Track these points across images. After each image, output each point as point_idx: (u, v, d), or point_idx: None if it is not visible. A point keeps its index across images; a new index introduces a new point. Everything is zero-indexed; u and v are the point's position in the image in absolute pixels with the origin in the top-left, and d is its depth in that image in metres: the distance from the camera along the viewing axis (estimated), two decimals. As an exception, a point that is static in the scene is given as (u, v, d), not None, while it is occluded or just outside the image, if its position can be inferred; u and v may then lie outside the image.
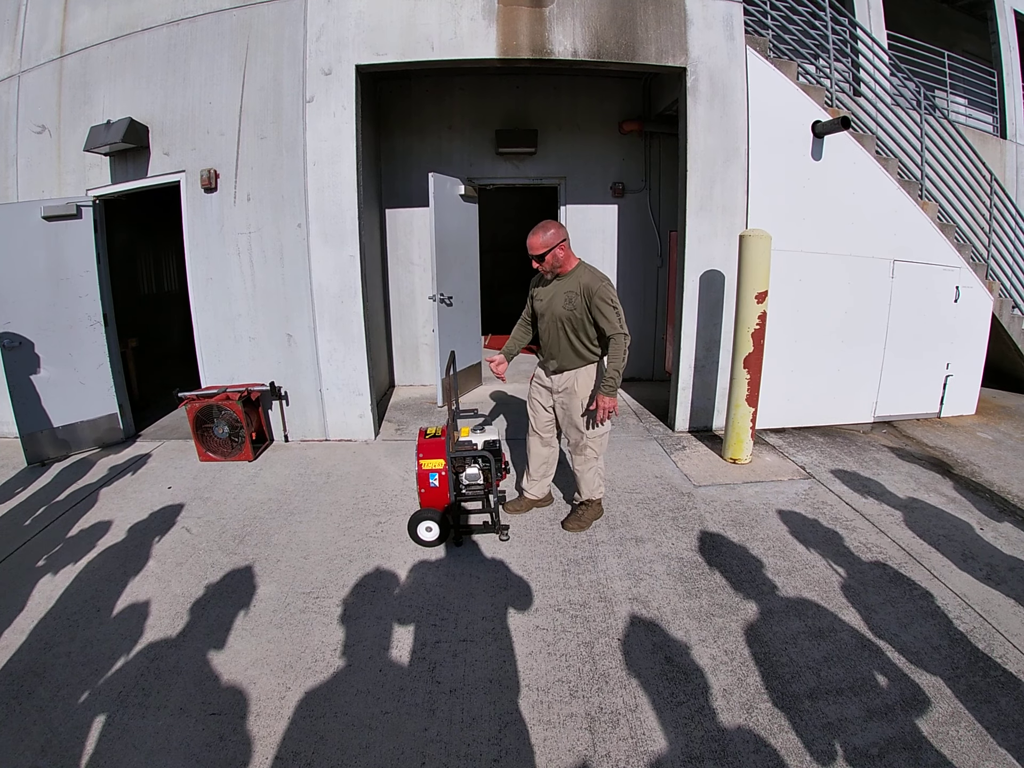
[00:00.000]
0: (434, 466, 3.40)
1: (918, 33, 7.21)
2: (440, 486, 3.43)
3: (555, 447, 3.70)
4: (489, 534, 3.51)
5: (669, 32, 4.54)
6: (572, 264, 3.30)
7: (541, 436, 3.63)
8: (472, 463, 3.53)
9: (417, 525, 3.36)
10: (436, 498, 3.46)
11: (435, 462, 3.40)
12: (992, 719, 2.11)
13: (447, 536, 3.40)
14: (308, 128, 4.57)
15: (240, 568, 3.20)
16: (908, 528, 3.51)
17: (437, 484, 3.43)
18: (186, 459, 4.77)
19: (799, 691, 2.26)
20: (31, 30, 4.95)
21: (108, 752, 2.04)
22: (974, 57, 8.06)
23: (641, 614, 2.75)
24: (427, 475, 3.43)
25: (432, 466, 3.40)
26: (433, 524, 3.34)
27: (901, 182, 5.06)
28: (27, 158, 5.01)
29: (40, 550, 3.42)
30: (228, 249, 4.84)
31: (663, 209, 6.69)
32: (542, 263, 3.24)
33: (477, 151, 6.54)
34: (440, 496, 3.45)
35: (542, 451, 3.67)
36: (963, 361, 5.55)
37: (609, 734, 2.09)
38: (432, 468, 3.41)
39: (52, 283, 4.67)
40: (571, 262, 3.29)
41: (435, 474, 3.41)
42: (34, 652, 2.56)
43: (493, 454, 3.46)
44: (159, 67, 4.69)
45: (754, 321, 4.31)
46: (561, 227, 3.24)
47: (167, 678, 2.39)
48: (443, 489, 3.43)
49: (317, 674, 2.41)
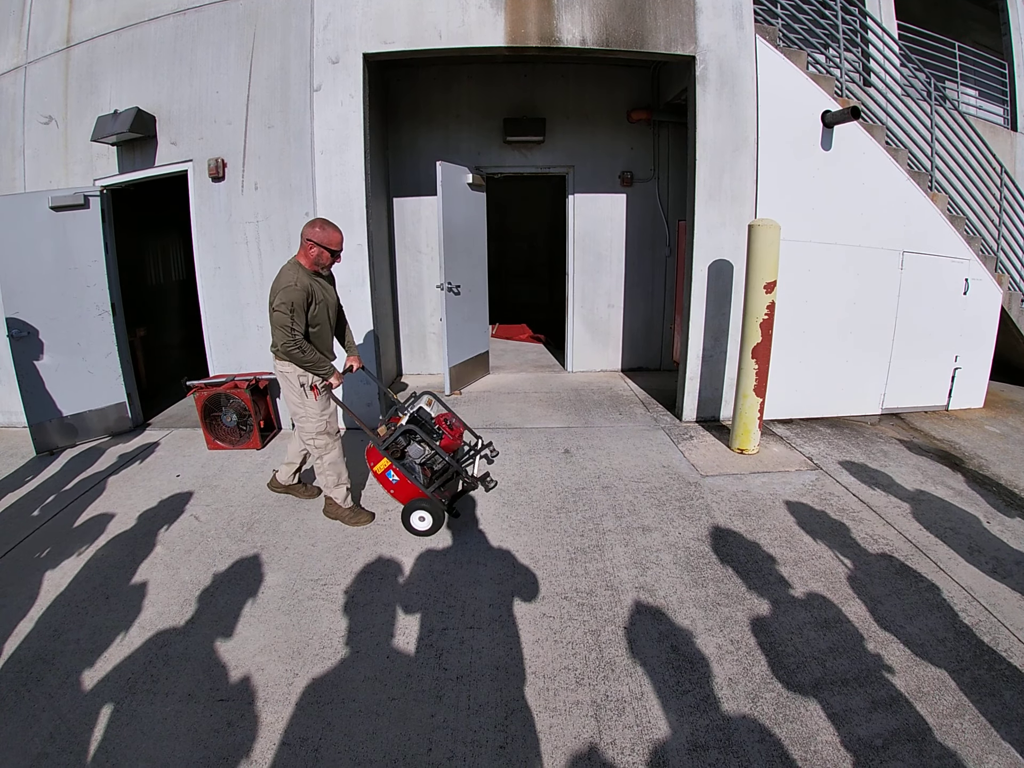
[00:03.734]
0: (383, 467, 3.39)
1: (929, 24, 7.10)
2: (401, 480, 3.40)
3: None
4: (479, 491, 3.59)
5: (678, 20, 4.49)
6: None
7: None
8: (407, 443, 3.46)
9: (409, 517, 3.37)
10: (408, 491, 3.42)
11: (381, 464, 3.40)
12: (996, 712, 2.11)
13: (441, 519, 3.37)
14: (316, 117, 4.57)
15: (248, 556, 3.22)
16: (915, 520, 3.50)
17: (397, 479, 3.40)
18: (194, 447, 4.80)
19: (804, 681, 2.26)
20: (37, 21, 4.96)
21: (116, 738, 2.06)
22: (985, 48, 7.94)
23: (647, 603, 2.76)
24: (384, 476, 3.42)
25: (382, 468, 3.40)
26: (424, 512, 3.34)
27: (911, 173, 5.01)
28: (34, 148, 5.02)
29: (49, 538, 3.45)
30: (236, 238, 4.85)
31: (672, 198, 6.66)
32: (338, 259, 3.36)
33: (485, 140, 6.51)
34: (409, 489, 3.40)
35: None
36: (972, 354, 5.51)
37: (615, 721, 2.10)
38: (383, 469, 3.40)
39: (60, 273, 4.69)
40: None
41: (390, 471, 3.39)
42: (43, 639, 2.58)
43: (415, 422, 3.45)
44: (166, 57, 4.69)
45: (763, 311, 4.29)
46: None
47: (176, 665, 2.41)
48: (405, 482, 3.39)
49: (324, 661, 2.43)
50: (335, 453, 3.48)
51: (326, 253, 3.25)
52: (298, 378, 3.29)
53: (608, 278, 6.91)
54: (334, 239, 3.24)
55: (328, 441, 3.44)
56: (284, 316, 3.07)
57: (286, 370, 3.29)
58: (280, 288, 3.11)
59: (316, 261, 3.26)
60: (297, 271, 3.19)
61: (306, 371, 3.24)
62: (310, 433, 3.40)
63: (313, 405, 3.34)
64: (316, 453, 3.45)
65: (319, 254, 3.24)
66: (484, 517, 3.60)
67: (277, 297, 3.10)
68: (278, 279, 3.18)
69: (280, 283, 3.14)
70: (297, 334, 3.13)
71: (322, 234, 3.20)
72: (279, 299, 3.08)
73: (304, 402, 3.33)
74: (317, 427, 3.39)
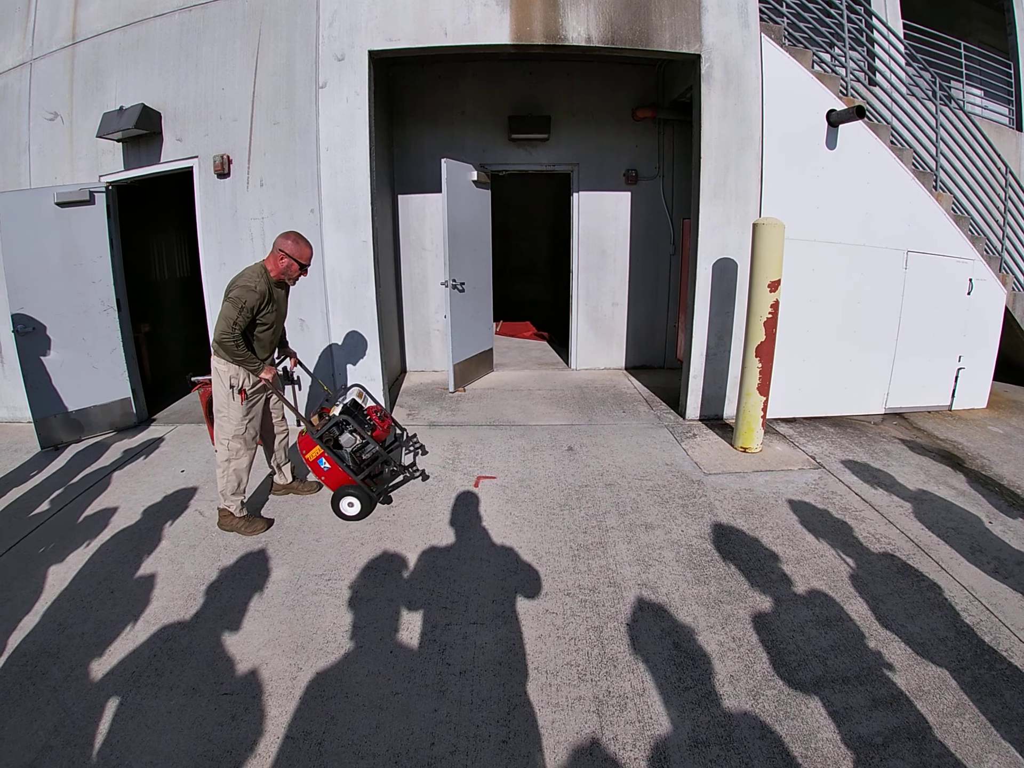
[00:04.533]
0: (316, 454, 3.52)
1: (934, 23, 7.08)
2: (332, 468, 3.53)
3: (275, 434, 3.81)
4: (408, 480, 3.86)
5: (683, 19, 4.49)
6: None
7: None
8: (339, 431, 3.57)
9: (338, 503, 3.54)
10: (339, 478, 3.55)
11: (314, 451, 3.52)
12: (996, 712, 2.11)
13: (370, 504, 3.56)
14: (321, 114, 4.58)
15: (253, 551, 3.24)
16: (917, 520, 3.51)
17: (328, 467, 3.54)
18: (199, 443, 4.82)
19: (805, 679, 2.27)
20: (42, 17, 4.96)
21: (121, 731, 2.07)
22: (990, 48, 7.92)
23: (650, 600, 2.77)
24: (315, 464, 3.54)
25: (313, 455, 3.53)
26: (352, 498, 3.51)
27: (916, 173, 5.00)
28: (39, 145, 5.03)
29: (54, 533, 3.47)
30: (241, 234, 4.86)
31: (676, 196, 6.66)
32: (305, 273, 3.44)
33: (490, 137, 6.52)
34: (340, 476, 3.55)
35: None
36: (975, 354, 5.50)
37: (616, 717, 2.11)
38: (315, 457, 3.53)
39: (66, 269, 4.71)
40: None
41: (322, 459, 3.52)
42: (48, 633, 2.59)
43: (349, 412, 3.60)
44: (171, 53, 4.70)
45: (766, 310, 4.29)
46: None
47: (180, 658, 2.43)
48: (336, 469, 3.53)
49: (328, 655, 2.44)
50: (244, 461, 3.47)
51: (295, 265, 3.33)
52: (229, 379, 3.31)
53: (612, 276, 6.92)
54: (305, 254, 3.33)
55: (241, 447, 3.43)
56: (232, 309, 3.13)
57: (220, 368, 3.32)
58: (239, 284, 3.18)
59: (284, 271, 3.33)
60: (262, 275, 3.26)
61: (237, 365, 3.26)
62: (227, 433, 3.40)
63: (237, 408, 3.35)
64: (226, 455, 3.42)
65: (289, 265, 3.31)
66: (487, 514, 3.62)
67: (234, 291, 3.16)
68: (240, 275, 3.25)
69: (241, 279, 3.21)
70: (237, 329, 3.16)
71: (295, 248, 3.29)
72: (235, 293, 3.15)
73: (229, 403, 3.35)
74: (235, 430, 3.39)
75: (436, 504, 3.74)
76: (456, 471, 4.22)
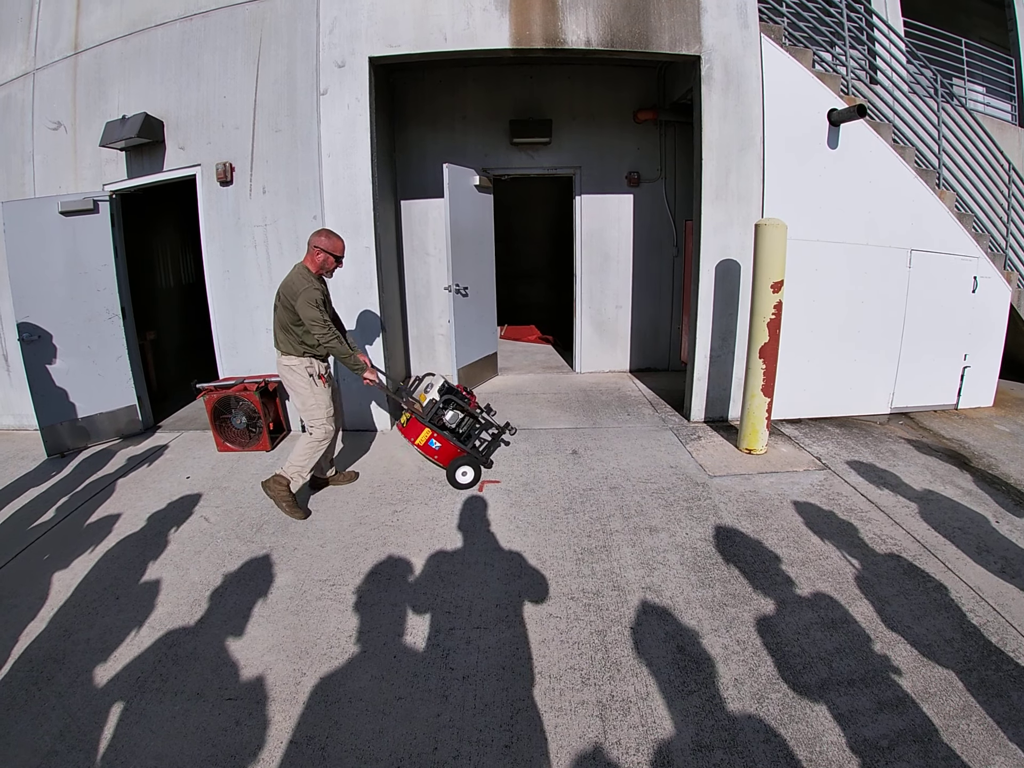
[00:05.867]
0: (425, 437, 3.94)
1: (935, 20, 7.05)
2: (443, 445, 3.96)
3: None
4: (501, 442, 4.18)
5: (683, 20, 4.49)
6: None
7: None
8: (443, 411, 3.97)
9: (454, 474, 3.96)
10: (449, 452, 3.99)
11: (423, 435, 3.94)
12: (1003, 713, 2.09)
13: (479, 471, 4.02)
14: (322, 121, 4.59)
15: (258, 556, 3.25)
16: (923, 520, 3.48)
17: (439, 445, 3.96)
18: (204, 449, 4.84)
19: (810, 682, 2.26)
20: (45, 27, 5.01)
21: (126, 736, 2.09)
22: (992, 45, 7.88)
23: (654, 603, 2.76)
24: (427, 444, 3.96)
25: (423, 439, 3.95)
26: (465, 467, 3.96)
27: (918, 171, 4.98)
28: (43, 154, 5.08)
29: (60, 539, 3.50)
30: (244, 241, 4.88)
31: (679, 198, 6.65)
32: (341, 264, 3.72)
33: (492, 141, 6.53)
34: (450, 449, 3.98)
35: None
36: (981, 352, 5.47)
37: (620, 721, 2.10)
38: (425, 439, 3.95)
39: (70, 277, 4.74)
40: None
41: (432, 439, 3.94)
42: (53, 639, 2.61)
43: (448, 391, 4.02)
44: (173, 62, 4.74)
45: (769, 311, 4.28)
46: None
47: (185, 664, 2.44)
48: (447, 445, 3.96)
49: (332, 660, 2.45)
50: (326, 443, 3.73)
51: (331, 259, 3.58)
52: (305, 369, 3.59)
53: (615, 279, 6.91)
54: (338, 246, 3.58)
55: (332, 427, 3.74)
56: (312, 308, 3.39)
57: (292, 363, 3.58)
58: (301, 290, 3.41)
59: (322, 266, 3.57)
60: (308, 274, 3.52)
61: (344, 363, 3.56)
62: (320, 419, 3.67)
63: (322, 392, 3.65)
64: (323, 435, 3.69)
65: (325, 259, 3.56)
66: (492, 518, 3.61)
67: (300, 296, 3.39)
68: (293, 282, 3.48)
69: (298, 285, 3.44)
70: (329, 325, 3.45)
71: (328, 242, 3.54)
72: (304, 298, 3.39)
73: (313, 391, 3.62)
74: (327, 412, 3.70)
75: (440, 509, 3.74)
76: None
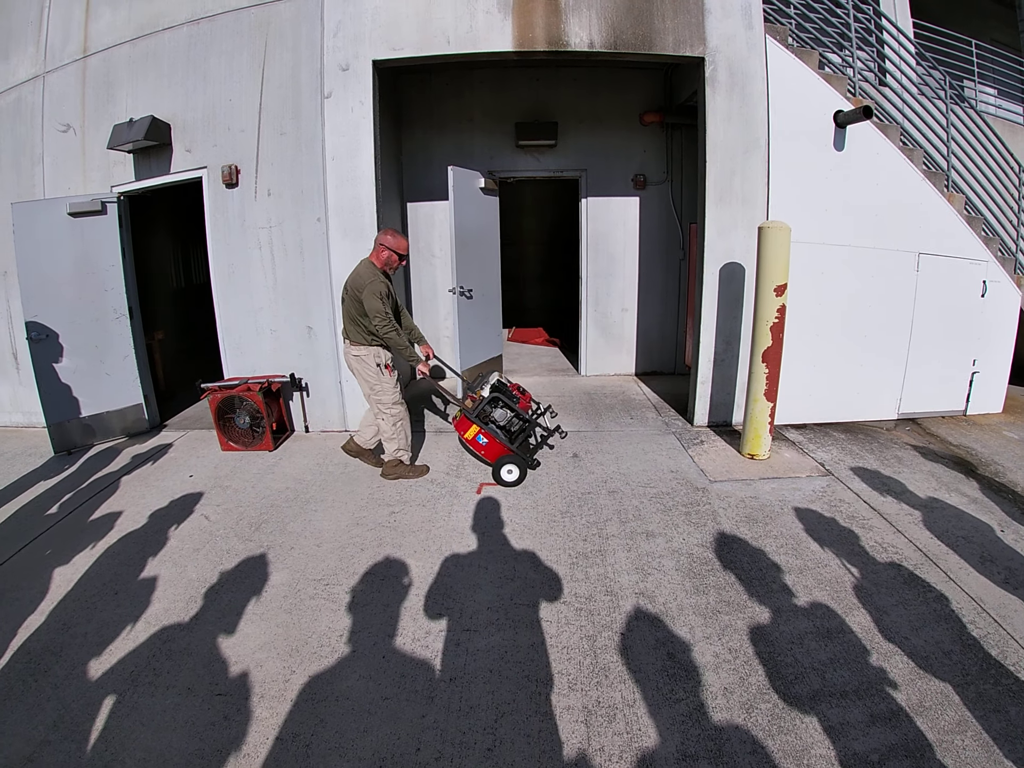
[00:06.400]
0: (473, 433, 4.04)
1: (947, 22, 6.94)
2: (490, 442, 4.04)
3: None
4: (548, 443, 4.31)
5: (686, 22, 4.46)
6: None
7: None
8: (492, 409, 4.09)
9: (500, 470, 3.99)
10: (496, 450, 4.04)
11: (471, 430, 4.05)
12: (1000, 729, 2.04)
13: (525, 471, 4.04)
14: (326, 123, 4.62)
15: (255, 555, 3.27)
16: (926, 528, 3.42)
17: (486, 441, 4.04)
18: (208, 449, 4.88)
19: (802, 693, 2.22)
20: (54, 31, 5.08)
21: (117, 728, 2.12)
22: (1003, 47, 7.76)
23: (647, 609, 2.74)
24: (475, 440, 4.06)
25: (471, 434, 4.05)
26: (511, 466, 3.98)
27: (926, 173, 4.91)
28: (53, 156, 5.15)
29: (63, 535, 3.54)
30: (249, 243, 4.92)
31: (685, 201, 6.62)
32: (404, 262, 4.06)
33: (497, 144, 6.54)
34: (498, 447, 4.03)
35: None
36: (990, 358, 5.37)
37: (604, 728, 2.08)
38: (474, 435, 4.05)
39: (78, 277, 4.81)
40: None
41: (480, 436, 4.04)
42: (52, 632, 2.66)
43: (499, 390, 4.11)
44: (180, 66, 4.79)
45: (773, 315, 4.24)
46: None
47: (178, 659, 2.46)
48: (493, 442, 4.03)
49: (322, 659, 2.45)
50: (407, 420, 4.16)
51: (395, 256, 3.93)
52: (373, 359, 3.94)
53: (621, 281, 6.89)
54: (402, 245, 3.94)
55: (401, 409, 4.09)
56: (377, 300, 3.70)
57: (361, 353, 3.95)
58: (367, 282, 3.74)
59: (387, 263, 3.93)
60: (374, 269, 3.88)
61: (399, 355, 3.88)
62: (387, 404, 4.02)
63: (388, 380, 4.00)
64: (391, 421, 4.06)
65: (389, 256, 3.91)
66: (489, 521, 3.61)
67: (367, 289, 3.71)
68: (360, 275, 3.82)
69: (364, 278, 3.77)
70: (390, 317, 3.77)
71: (393, 241, 3.89)
72: (370, 290, 3.71)
73: (380, 379, 3.97)
74: (393, 398, 4.03)
75: (438, 510, 3.74)
76: (460, 477, 4.22)
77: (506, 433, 4.15)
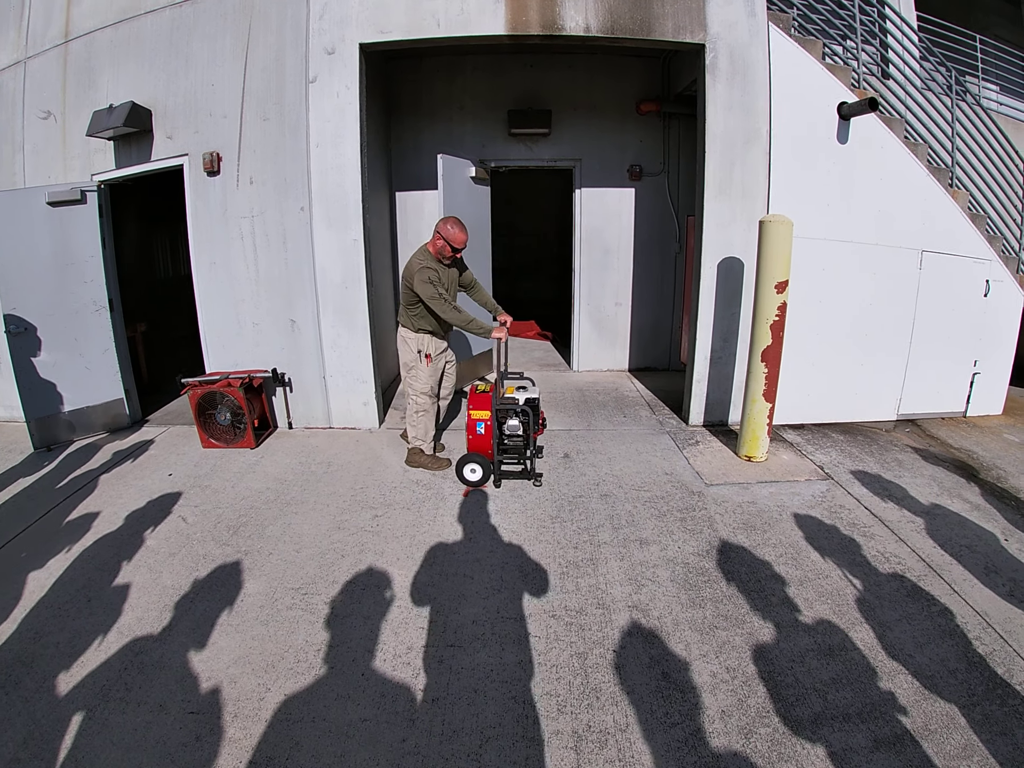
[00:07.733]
0: (481, 416, 3.93)
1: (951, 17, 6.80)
2: (485, 434, 3.93)
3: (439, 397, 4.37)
4: (524, 480, 4.05)
5: (686, 7, 4.30)
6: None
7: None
8: (513, 415, 3.95)
9: (464, 467, 3.90)
10: (481, 445, 3.96)
11: (482, 413, 3.93)
12: (1007, 753, 1.94)
13: (487, 479, 3.93)
14: (311, 109, 4.45)
15: (231, 561, 3.14)
16: (929, 537, 3.32)
17: (483, 432, 3.94)
18: (189, 445, 4.74)
19: (803, 716, 2.11)
20: (36, 15, 4.89)
21: (87, 747, 2.02)
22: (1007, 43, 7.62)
23: (640, 623, 2.63)
24: (475, 424, 3.95)
25: (479, 416, 3.93)
26: (477, 466, 3.87)
27: (930, 169, 4.77)
28: (33, 144, 4.97)
29: (38, 537, 3.42)
30: (231, 233, 4.76)
31: (682, 193, 6.48)
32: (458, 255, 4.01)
33: (489, 132, 6.37)
34: (484, 443, 3.95)
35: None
36: (991, 358, 5.27)
37: (595, 755, 1.97)
38: (479, 418, 3.93)
39: (58, 268, 4.64)
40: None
41: (481, 423, 3.94)
42: (24, 641, 2.55)
43: (532, 409, 3.92)
44: (162, 50, 4.60)
45: (773, 312, 4.11)
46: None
47: (150, 673, 2.35)
48: (487, 437, 3.93)
49: (298, 676, 2.34)
50: (432, 411, 4.17)
51: (448, 248, 3.86)
52: (415, 344, 3.98)
53: (616, 275, 6.75)
54: (459, 239, 3.84)
55: (427, 400, 4.10)
56: (429, 286, 3.73)
57: (407, 336, 4.02)
58: (416, 269, 3.78)
59: (440, 252, 3.88)
60: (426, 255, 3.90)
61: (466, 330, 3.85)
62: (416, 390, 4.08)
63: (424, 369, 4.04)
64: (415, 408, 4.12)
65: (443, 246, 3.85)
66: (475, 525, 3.49)
67: (417, 276, 3.75)
68: (410, 265, 3.86)
69: (415, 266, 3.82)
70: (444, 296, 3.79)
71: (450, 232, 3.81)
72: (419, 278, 3.74)
73: (418, 364, 4.02)
74: (422, 387, 4.06)
75: (422, 514, 3.61)
76: (445, 479, 4.09)
77: (501, 440, 4.02)
